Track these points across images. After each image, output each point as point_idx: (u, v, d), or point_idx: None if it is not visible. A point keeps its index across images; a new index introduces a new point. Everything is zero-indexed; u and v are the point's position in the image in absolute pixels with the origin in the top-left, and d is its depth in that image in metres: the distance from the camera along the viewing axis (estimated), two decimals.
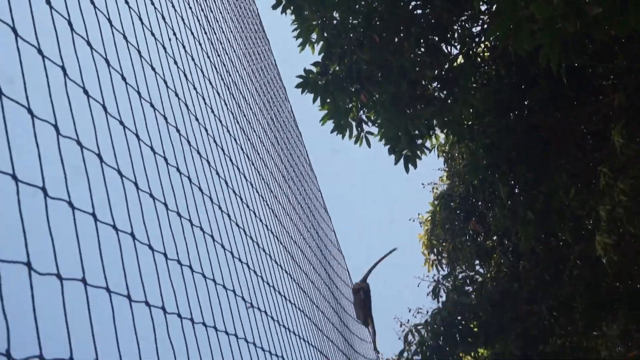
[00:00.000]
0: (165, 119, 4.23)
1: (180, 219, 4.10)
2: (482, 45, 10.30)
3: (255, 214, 6.02)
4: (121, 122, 3.51)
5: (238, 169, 5.80)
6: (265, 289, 5.70)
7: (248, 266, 5.28)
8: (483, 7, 9.46)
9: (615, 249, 9.10)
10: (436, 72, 9.17)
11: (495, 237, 10.76)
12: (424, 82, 9.18)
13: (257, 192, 6.29)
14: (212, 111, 5.39)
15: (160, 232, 3.76)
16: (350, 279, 11.49)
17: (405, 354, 11.07)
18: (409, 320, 11.33)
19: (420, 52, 9.13)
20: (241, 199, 5.64)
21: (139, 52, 4.05)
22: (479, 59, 10.30)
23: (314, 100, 9.34)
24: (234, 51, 7.13)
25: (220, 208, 4.92)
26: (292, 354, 6.13)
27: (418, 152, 9.89)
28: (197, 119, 4.88)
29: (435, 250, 11.89)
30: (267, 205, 6.61)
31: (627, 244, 9.31)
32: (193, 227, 4.27)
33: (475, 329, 10.77)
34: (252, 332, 4.90)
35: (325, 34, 9.18)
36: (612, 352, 9.17)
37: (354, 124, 10.14)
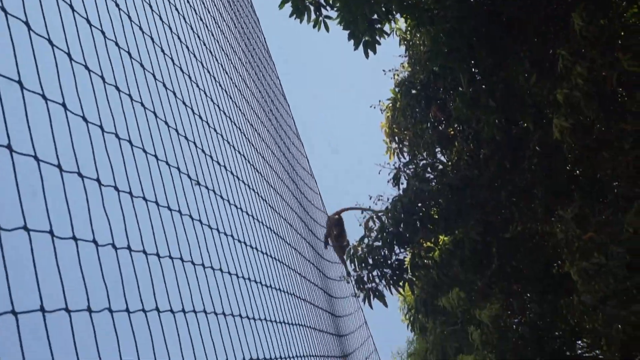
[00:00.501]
0: None
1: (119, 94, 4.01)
2: None
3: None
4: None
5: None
6: (213, 165, 5.66)
7: (195, 144, 5.21)
8: None
9: (572, 133, 9.12)
10: None
11: (456, 125, 10.72)
12: None
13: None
14: None
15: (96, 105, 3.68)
16: (310, 168, 11.49)
17: (365, 240, 11.18)
18: (369, 206, 11.38)
19: None
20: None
21: None
22: None
23: None
24: None
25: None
26: (243, 231, 6.16)
27: (377, 37, 9.74)
28: None
29: (396, 138, 11.84)
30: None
31: (584, 129, 9.33)
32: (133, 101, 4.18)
33: (436, 216, 10.86)
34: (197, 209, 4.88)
35: None
36: (568, 235, 9.30)
37: (312, 7, 9.93)
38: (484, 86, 9.95)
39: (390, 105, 11.66)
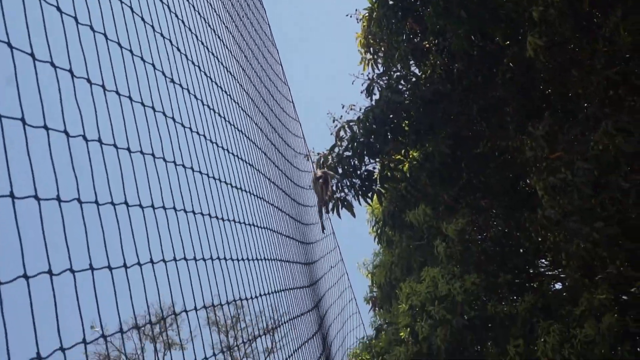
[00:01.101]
0: None
1: None
2: None
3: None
4: None
5: None
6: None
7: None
8: None
9: (546, 52, 9.14)
10: None
11: (431, 38, 10.66)
12: None
13: None
14: None
15: None
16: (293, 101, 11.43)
17: (336, 149, 11.24)
18: (342, 116, 11.40)
19: None
20: None
21: None
22: None
23: None
24: None
25: None
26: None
27: None
28: None
29: (371, 49, 11.78)
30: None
31: (558, 48, 9.34)
32: None
33: (407, 128, 10.91)
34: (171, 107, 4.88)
35: None
36: (537, 152, 9.39)
37: None
38: None
39: (367, 15, 11.56)
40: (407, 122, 10.95)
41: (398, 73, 11.31)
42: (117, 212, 3.64)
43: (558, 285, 11.85)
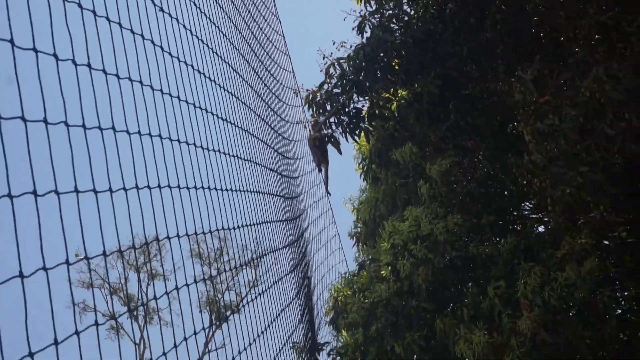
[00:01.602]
0: None
1: None
2: None
3: None
4: None
5: None
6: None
7: None
8: None
9: None
10: None
11: None
12: None
13: None
14: None
15: None
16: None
17: (325, 86, 11.20)
18: (332, 53, 11.33)
19: None
20: None
21: None
22: None
23: None
24: None
25: None
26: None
27: None
28: None
29: None
30: None
31: None
32: None
33: (397, 67, 10.87)
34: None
35: None
36: (525, 97, 9.39)
37: None
38: None
39: None
40: (397, 61, 10.91)
41: (390, 12, 11.22)
42: (104, 137, 3.65)
43: (541, 229, 11.96)
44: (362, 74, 10.86)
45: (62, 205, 3.09)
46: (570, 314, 9.55)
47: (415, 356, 10.83)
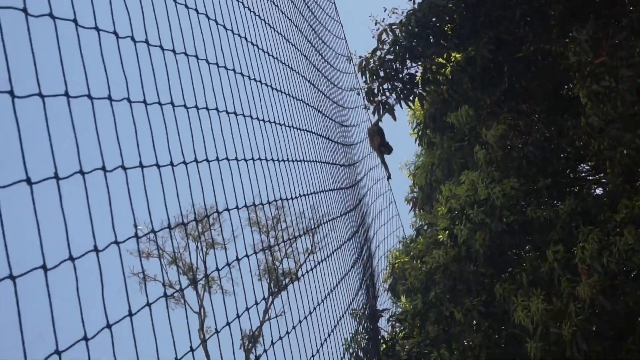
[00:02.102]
0: None
1: None
2: None
3: None
4: None
5: None
6: None
7: None
8: None
9: None
10: None
11: None
12: None
13: None
14: None
15: None
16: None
17: (378, 53, 11.18)
18: (384, 19, 11.29)
19: None
20: None
21: None
22: None
23: None
24: None
25: None
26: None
27: None
28: None
29: None
30: None
31: None
32: None
33: (449, 32, 10.80)
34: None
35: None
36: (580, 58, 9.27)
37: None
38: None
39: None
40: (449, 25, 10.82)
41: None
42: (164, 113, 3.73)
43: (599, 191, 11.83)
44: (415, 40, 10.80)
45: (129, 179, 3.17)
46: (630, 279, 9.47)
47: (474, 322, 10.85)
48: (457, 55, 10.94)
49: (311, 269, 6.72)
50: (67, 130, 2.85)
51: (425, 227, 13.20)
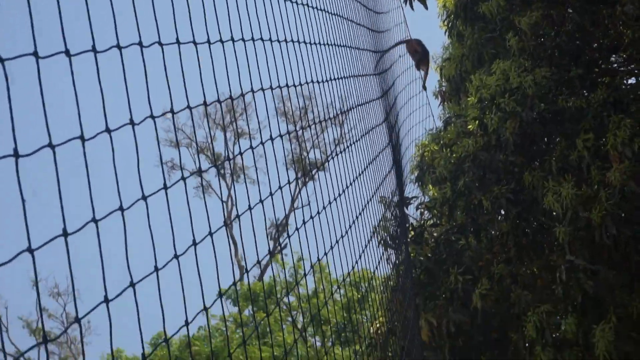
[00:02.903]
0: None
1: None
2: None
3: None
4: None
5: None
6: None
7: None
8: None
9: None
10: None
11: None
12: None
13: None
14: None
15: None
16: None
17: None
18: None
19: None
20: None
21: None
22: None
23: None
24: None
25: None
26: None
27: None
28: None
29: None
30: None
31: None
32: None
33: None
34: None
35: None
36: None
37: None
38: None
39: None
40: None
41: None
42: None
43: (632, 81, 11.65)
44: None
45: (145, 60, 3.11)
46: None
47: (502, 210, 10.88)
48: None
49: (338, 154, 6.68)
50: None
51: (454, 119, 13.10)
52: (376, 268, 7.59)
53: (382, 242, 10.03)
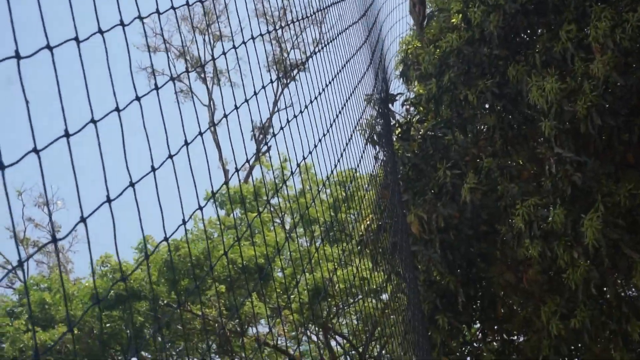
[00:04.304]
0: None
1: None
2: None
3: None
4: None
5: None
6: None
7: None
8: None
9: None
10: None
11: None
12: None
13: None
14: None
15: None
16: None
17: None
18: None
19: None
20: None
21: None
22: None
23: None
24: None
25: None
26: None
27: None
28: None
29: None
30: None
31: None
32: None
33: None
34: None
35: None
36: None
37: None
38: None
39: None
40: None
41: None
42: None
43: None
44: None
45: None
46: None
47: (488, 104, 10.86)
48: None
49: (317, 52, 6.57)
50: None
51: (437, 13, 12.92)
52: (358, 165, 7.57)
53: (368, 139, 10.02)
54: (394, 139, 11.37)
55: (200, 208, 3.34)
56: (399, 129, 11.75)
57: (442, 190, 10.62)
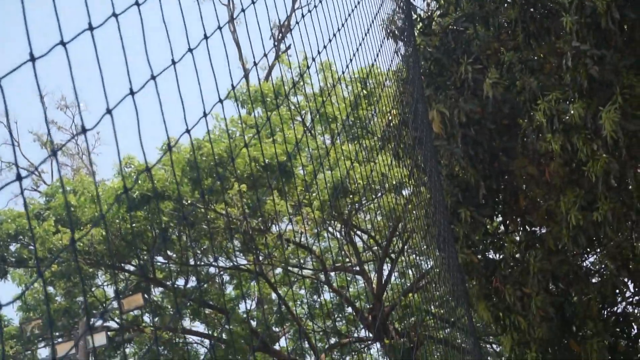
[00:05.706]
0: None
1: None
2: None
3: None
4: None
5: None
6: None
7: None
8: None
9: None
10: None
11: None
12: None
13: None
14: None
15: None
16: None
17: None
18: None
19: None
20: None
21: None
22: None
23: None
24: None
25: None
26: None
27: None
28: None
29: None
30: None
31: None
32: None
33: None
34: None
35: None
36: None
37: None
38: None
39: None
40: None
41: None
42: None
43: None
44: None
45: None
46: None
47: None
48: None
49: None
50: None
51: None
52: (375, 60, 7.48)
53: (390, 34, 9.90)
54: (416, 34, 11.20)
55: (221, 101, 3.34)
56: (421, 24, 11.58)
57: (464, 85, 10.54)
